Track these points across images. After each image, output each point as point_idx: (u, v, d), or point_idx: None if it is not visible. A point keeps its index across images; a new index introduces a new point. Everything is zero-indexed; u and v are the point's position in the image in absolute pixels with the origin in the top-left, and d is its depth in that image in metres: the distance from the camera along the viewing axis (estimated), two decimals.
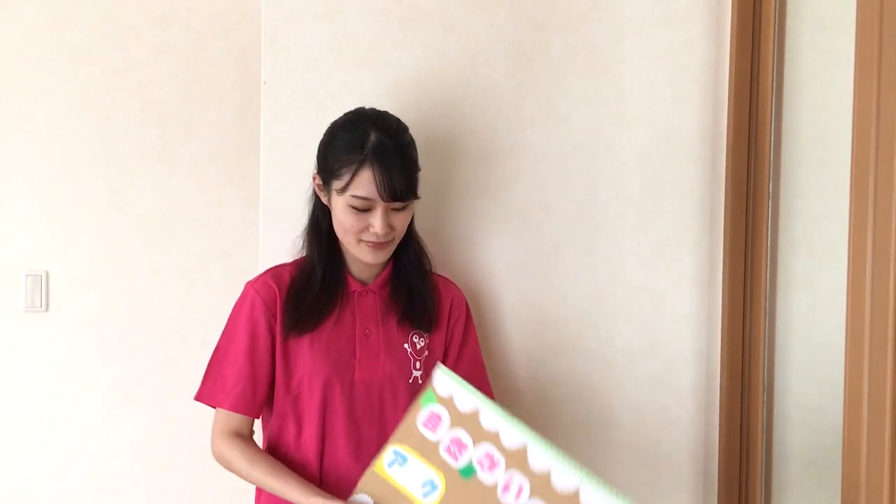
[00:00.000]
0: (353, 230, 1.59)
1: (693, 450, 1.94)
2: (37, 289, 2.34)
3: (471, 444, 1.46)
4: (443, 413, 1.47)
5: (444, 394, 1.48)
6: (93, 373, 2.35)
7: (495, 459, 1.44)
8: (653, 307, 1.93)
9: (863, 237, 1.26)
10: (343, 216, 1.59)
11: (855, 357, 1.27)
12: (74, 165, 2.34)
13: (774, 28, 1.82)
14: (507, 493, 1.43)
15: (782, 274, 1.86)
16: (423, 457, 1.47)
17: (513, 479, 1.43)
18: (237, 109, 2.35)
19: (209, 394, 1.64)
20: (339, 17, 1.86)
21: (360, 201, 1.57)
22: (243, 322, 1.63)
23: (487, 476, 1.44)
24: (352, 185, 1.56)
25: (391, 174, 1.55)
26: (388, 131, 1.61)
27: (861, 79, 1.27)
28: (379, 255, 1.62)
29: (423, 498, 1.46)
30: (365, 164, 1.55)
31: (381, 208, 1.57)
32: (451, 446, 1.46)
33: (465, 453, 1.46)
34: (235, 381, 1.61)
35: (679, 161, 1.92)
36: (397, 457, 1.48)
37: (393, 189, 1.55)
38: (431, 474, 1.47)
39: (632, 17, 1.91)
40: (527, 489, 1.42)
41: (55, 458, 2.36)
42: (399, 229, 1.62)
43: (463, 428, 1.46)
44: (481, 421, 1.46)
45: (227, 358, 1.64)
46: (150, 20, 2.34)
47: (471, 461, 1.45)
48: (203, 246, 2.36)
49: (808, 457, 1.83)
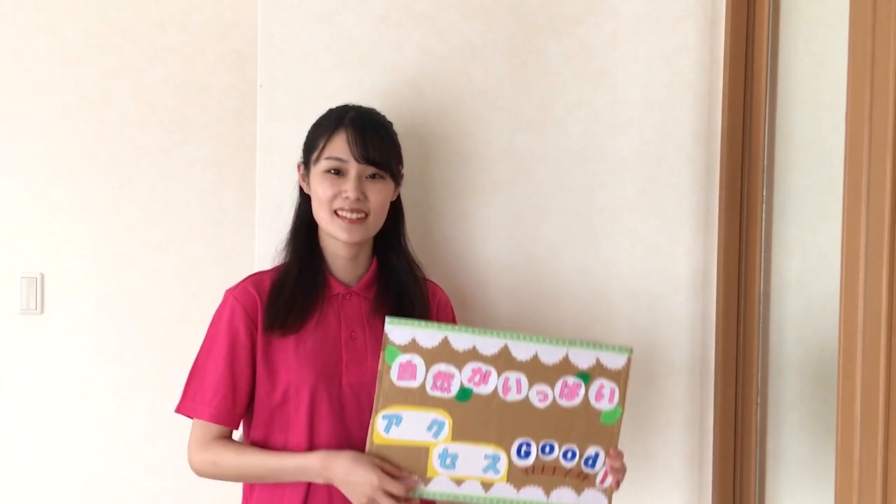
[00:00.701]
0: (326, 198, 1.58)
1: (688, 453, 1.95)
2: (32, 291, 2.34)
3: (455, 370, 1.49)
4: (413, 358, 1.48)
5: (404, 342, 1.48)
6: (88, 375, 2.35)
7: (484, 371, 1.50)
8: (648, 310, 1.94)
9: (856, 240, 1.26)
10: (318, 185, 1.59)
11: (848, 359, 1.28)
12: (70, 167, 2.34)
13: (768, 32, 1.83)
14: (508, 393, 1.51)
15: (776, 276, 1.87)
16: (414, 406, 1.49)
17: (509, 379, 1.50)
18: (233, 112, 2.36)
19: (188, 405, 1.59)
20: (336, 21, 1.87)
21: (334, 162, 1.58)
22: (223, 330, 1.58)
23: (484, 389, 1.50)
24: (326, 149, 1.60)
25: (364, 137, 1.58)
26: (367, 111, 1.67)
27: (854, 83, 1.28)
28: (354, 232, 1.59)
29: (435, 438, 1.49)
30: (340, 128, 1.60)
31: (354, 171, 1.58)
32: (436, 382, 1.49)
33: (454, 381, 1.49)
34: (215, 391, 1.56)
35: (674, 164, 1.93)
36: (389, 419, 1.48)
37: (366, 150, 1.57)
38: (432, 416, 1.49)
39: (627, 21, 1.92)
40: (524, 380, 1.51)
41: (50, 461, 2.36)
42: (374, 203, 1.60)
43: (440, 361, 1.49)
44: (454, 346, 1.49)
45: (206, 367, 1.59)
46: (146, 23, 2.34)
47: (462, 384, 1.49)
48: (199, 248, 2.36)
49: (803, 460, 1.84)
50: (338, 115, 1.63)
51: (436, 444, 1.49)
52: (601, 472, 1.56)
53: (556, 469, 1.53)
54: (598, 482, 1.56)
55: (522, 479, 1.52)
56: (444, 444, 1.49)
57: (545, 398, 1.52)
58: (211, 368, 1.58)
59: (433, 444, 1.49)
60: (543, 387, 1.52)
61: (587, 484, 1.55)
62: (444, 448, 1.49)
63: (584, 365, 1.53)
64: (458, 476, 1.50)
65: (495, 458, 1.51)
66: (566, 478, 1.54)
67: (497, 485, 1.51)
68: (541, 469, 1.53)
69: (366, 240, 1.65)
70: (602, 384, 1.54)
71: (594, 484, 1.56)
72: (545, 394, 1.52)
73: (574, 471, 1.54)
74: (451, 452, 1.50)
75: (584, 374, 1.53)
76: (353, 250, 1.65)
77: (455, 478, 1.50)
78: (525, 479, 1.52)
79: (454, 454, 1.50)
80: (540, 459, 1.53)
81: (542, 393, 1.52)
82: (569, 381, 1.52)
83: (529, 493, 1.53)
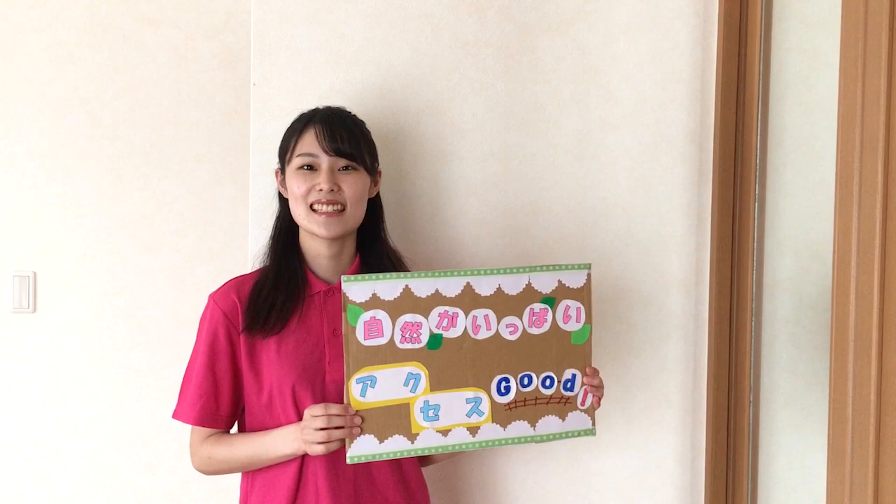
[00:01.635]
0: (301, 193, 1.59)
1: (681, 452, 1.95)
2: (24, 290, 2.34)
3: (421, 318, 1.49)
4: (377, 314, 1.47)
5: (364, 298, 1.47)
6: (81, 374, 2.35)
7: (451, 314, 1.50)
8: (640, 308, 1.94)
9: (847, 238, 1.27)
10: (293, 183, 1.60)
11: (840, 356, 1.28)
12: (62, 166, 2.33)
13: (761, 31, 1.84)
14: (478, 332, 1.52)
15: (768, 275, 1.88)
16: (386, 364, 1.48)
17: (477, 318, 1.51)
18: (225, 110, 2.35)
19: (178, 409, 1.63)
20: (329, 19, 1.87)
21: (305, 158, 1.60)
22: (203, 335, 1.61)
23: (454, 332, 1.50)
24: (297, 147, 1.62)
25: (333, 131, 1.60)
26: (336, 108, 1.69)
27: (846, 81, 1.28)
28: (331, 226, 1.59)
29: (413, 392, 1.49)
30: (309, 126, 1.62)
31: (326, 164, 1.59)
32: (404, 334, 1.48)
33: (422, 329, 1.49)
34: (199, 395, 1.59)
35: (666, 163, 1.93)
36: (363, 383, 1.47)
37: (335, 142, 1.59)
38: (406, 369, 1.49)
39: (619, 20, 1.92)
40: (492, 316, 1.52)
41: (43, 459, 2.35)
42: (349, 195, 1.60)
43: (405, 312, 1.48)
44: (416, 293, 1.49)
45: (191, 372, 1.62)
46: (138, 21, 2.34)
47: (431, 331, 1.49)
48: (192, 246, 2.36)
49: (795, 457, 1.84)
50: (307, 116, 1.66)
51: (415, 399, 1.49)
52: (580, 392, 1.58)
53: (537, 399, 1.55)
54: (578, 403, 1.58)
55: (507, 416, 1.53)
56: (423, 396, 1.49)
57: (515, 330, 1.54)
58: (194, 374, 1.61)
59: (412, 398, 1.49)
60: (512, 319, 1.53)
61: (569, 408, 1.57)
62: (424, 401, 1.49)
63: (547, 289, 1.55)
64: (444, 426, 1.50)
65: (477, 400, 1.52)
66: (548, 405, 1.56)
67: (483, 427, 1.52)
68: (522, 402, 1.54)
69: (345, 235, 1.64)
70: (567, 305, 1.56)
71: (576, 406, 1.58)
72: (514, 326, 1.54)
73: (555, 397, 1.56)
74: (431, 404, 1.49)
75: (549, 299, 1.55)
76: (334, 248, 1.64)
77: (441, 429, 1.50)
78: (509, 415, 1.53)
79: (435, 405, 1.50)
80: (520, 392, 1.54)
81: (512, 325, 1.54)
82: (535, 309, 1.54)
83: (516, 429, 1.54)
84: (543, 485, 1.95)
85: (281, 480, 1.58)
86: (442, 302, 1.50)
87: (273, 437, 1.55)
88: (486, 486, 1.94)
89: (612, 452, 1.95)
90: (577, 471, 1.95)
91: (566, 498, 1.95)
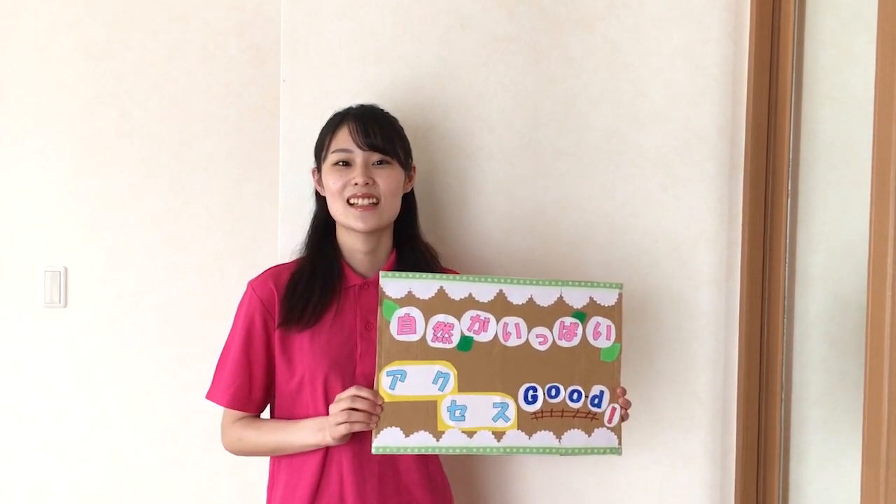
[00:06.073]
0: (337, 189, 1.62)
1: (711, 449, 1.94)
2: (55, 285, 2.36)
3: (453, 320, 1.52)
4: (411, 311, 1.51)
5: (400, 295, 1.50)
6: (111, 368, 2.37)
7: (482, 318, 1.52)
8: (671, 305, 1.93)
9: (884, 235, 1.25)
10: (329, 179, 1.63)
11: (875, 355, 1.27)
12: (93, 162, 2.36)
13: (794, 25, 1.82)
14: (508, 338, 1.53)
15: (801, 272, 1.86)
16: (417, 360, 1.51)
17: (508, 325, 1.53)
18: (254, 106, 2.36)
19: (212, 391, 1.68)
20: (359, 15, 1.87)
21: (340, 154, 1.63)
22: (240, 320, 1.66)
23: (484, 336, 1.53)
24: (332, 143, 1.65)
25: (366, 126, 1.63)
26: (369, 105, 1.71)
27: (883, 76, 1.26)
28: (367, 219, 1.61)
29: (442, 391, 1.51)
30: (343, 123, 1.65)
31: (360, 159, 1.62)
32: (436, 334, 1.51)
33: (454, 331, 1.52)
34: (232, 379, 1.64)
35: (697, 159, 1.92)
36: (394, 376, 1.50)
37: (368, 137, 1.62)
38: (436, 368, 1.51)
39: (650, 15, 1.91)
40: (523, 325, 1.54)
41: (73, 453, 2.38)
42: (383, 189, 1.62)
43: (438, 312, 1.51)
44: (450, 295, 1.52)
45: (227, 356, 1.67)
46: (167, 18, 2.35)
47: (462, 333, 1.52)
48: (220, 242, 2.38)
49: (828, 457, 1.82)
50: (341, 114, 1.69)
51: (443, 397, 1.51)
52: (608, 410, 1.57)
53: (563, 411, 1.55)
54: (605, 421, 1.57)
55: (532, 424, 1.54)
56: (451, 395, 1.51)
57: (545, 341, 1.55)
58: (230, 357, 1.66)
59: (440, 396, 1.50)
60: (542, 329, 1.54)
61: (596, 424, 1.57)
62: (451, 400, 1.51)
63: (578, 304, 1.56)
64: (469, 428, 1.51)
65: (503, 405, 1.53)
66: (575, 419, 1.56)
67: (508, 433, 1.53)
68: (549, 412, 1.55)
69: (381, 229, 1.66)
70: (598, 322, 1.57)
71: (602, 423, 1.57)
72: (545, 336, 1.55)
73: (582, 411, 1.56)
74: (459, 404, 1.51)
75: (580, 314, 1.56)
76: (370, 243, 1.66)
77: (466, 430, 1.51)
78: (535, 424, 1.54)
79: (462, 405, 1.51)
80: (547, 403, 1.55)
81: (542, 336, 1.55)
82: (566, 322, 1.55)
83: (541, 439, 1.54)
84: (571, 482, 1.94)
85: (306, 466, 1.62)
86: (475, 306, 1.52)
87: (300, 426, 1.59)
88: (512, 482, 1.94)
89: (641, 450, 1.94)
90: (605, 468, 1.94)
91: (594, 495, 1.94)
